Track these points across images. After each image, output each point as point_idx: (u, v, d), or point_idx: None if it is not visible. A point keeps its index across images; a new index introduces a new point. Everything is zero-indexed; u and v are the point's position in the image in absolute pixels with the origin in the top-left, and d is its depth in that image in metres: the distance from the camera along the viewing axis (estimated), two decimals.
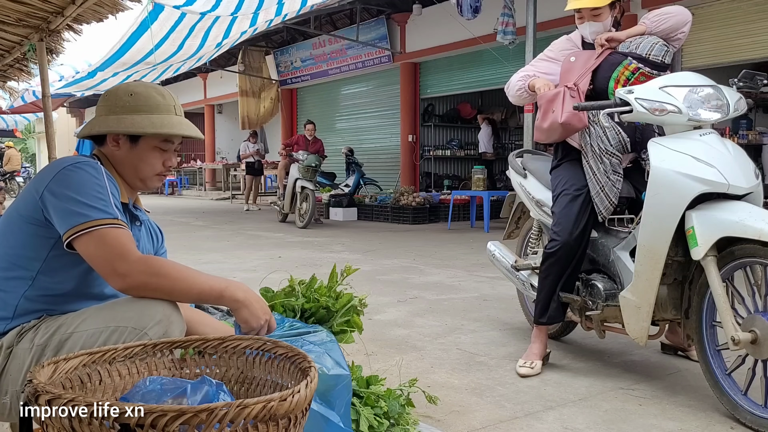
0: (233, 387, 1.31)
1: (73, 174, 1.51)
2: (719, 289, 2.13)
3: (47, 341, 1.48)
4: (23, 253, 1.52)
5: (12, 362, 1.49)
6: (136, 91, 1.67)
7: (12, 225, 1.55)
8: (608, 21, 2.78)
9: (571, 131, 2.70)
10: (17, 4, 3.72)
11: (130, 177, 1.70)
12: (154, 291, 1.44)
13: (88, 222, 1.44)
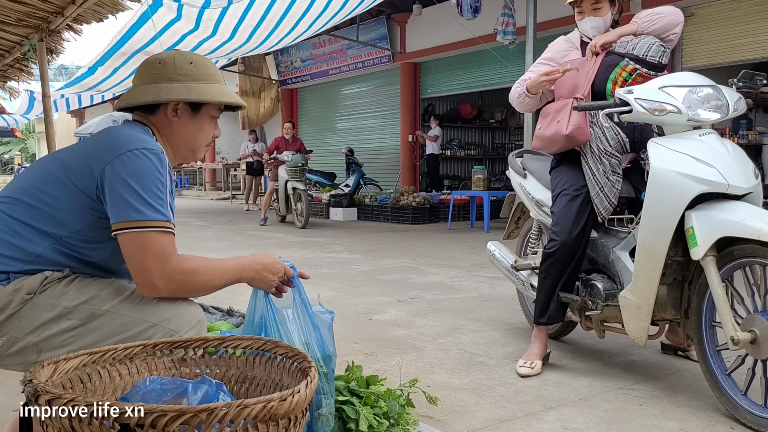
0: (233, 387, 1.31)
1: (138, 161, 1.47)
2: (719, 289, 2.13)
3: (76, 308, 1.45)
4: (63, 216, 1.49)
5: (28, 310, 1.44)
6: (195, 60, 1.65)
7: (57, 184, 1.50)
8: (608, 17, 2.78)
9: (574, 144, 2.70)
10: (17, 4, 3.72)
11: (182, 148, 1.68)
12: (185, 294, 1.53)
13: (140, 221, 1.43)
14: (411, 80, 12.92)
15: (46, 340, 1.45)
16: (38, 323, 1.44)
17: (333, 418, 1.70)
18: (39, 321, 1.44)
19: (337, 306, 4.07)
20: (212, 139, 1.72)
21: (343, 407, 1.85)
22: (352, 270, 5.55)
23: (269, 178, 10.46)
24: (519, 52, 8.52)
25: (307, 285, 1.72)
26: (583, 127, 2.65)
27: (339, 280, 5.04)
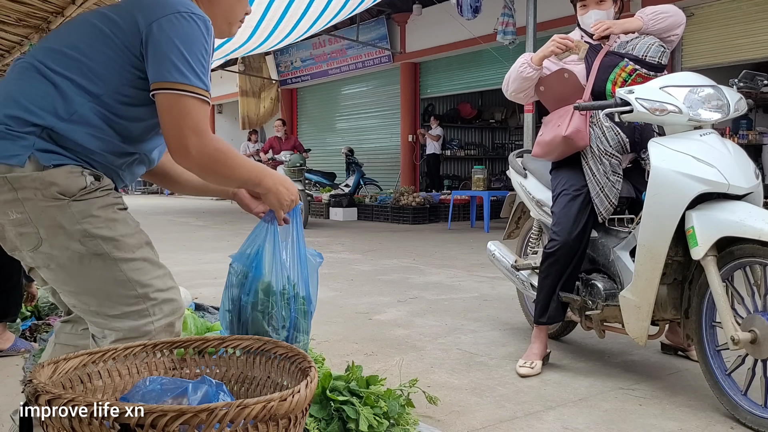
0: (233, 387, 1.31)
1: (186, 24, 1.43)
2: (719, 289, 2.13)
3: (94, 239, 1.42)
4: (103, 71, 1.44)
5: (53, 209, 1.40)
6: None
7: (100, 38, 1.45)
8: (611, 12, 2.78)
9: (573, 148, 2.70)
10: (17, 4, 3.72)
11: (220, 19, 1.65)
12: (210, 173, 1.48)
13: (183, 84, 1.39)
14: (411, 80, 12.92)
15: (49, 244, 1.42)
16: (55, 226, 1.41)
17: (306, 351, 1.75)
18: (56, 225, 1.41)
19: (337, 306, 4.07)
20: (244, 15, 1.71)
21: (343, 407, 1.85)
22: (352, 270, 5.55)
23: None
24: (519, 52, 8.49)
25: None
26: (583, 131, 2.65)
27: (339, 280, 5.04)
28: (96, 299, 1.45)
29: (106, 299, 1.45)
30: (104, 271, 1.44)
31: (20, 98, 1.42)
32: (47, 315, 3.38)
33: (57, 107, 1.42)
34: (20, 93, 1.43)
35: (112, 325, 1.45)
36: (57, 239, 1.42)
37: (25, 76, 1.45)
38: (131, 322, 1.45)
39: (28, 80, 1.44)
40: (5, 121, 1.40)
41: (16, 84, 1.45)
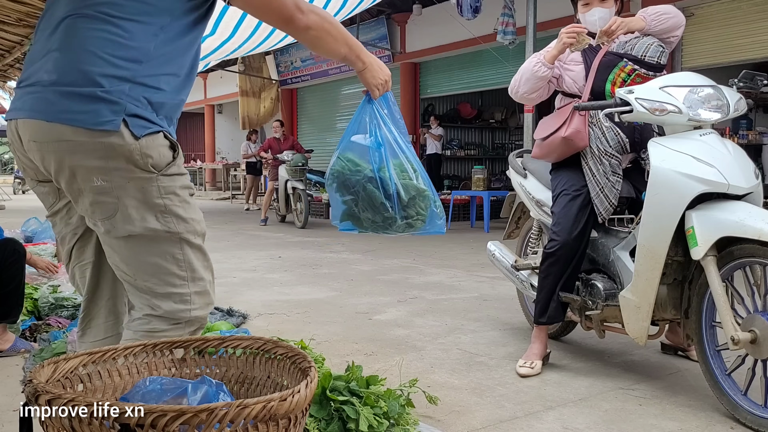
0: (233, 387, 1.31)
1: None
2: (719, 289, 2.13)
3: (170, 216, 1.44)
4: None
5: (141, 181, 1.41)
6: None
7: None
8: (613, 10, 2.77)
9: (572, 149, 2.70)
10: (17, 4, 3.72)
11: None
12: (324, 32, 1.53)
13: None
14: (411, 80, 12.92)
15: (123, 215, 1.42)
16: (137, 198, 1.42)
17: (443, 211, 1.90)
18: (139, 197, 1.42)
19: (337, 306, 4.07)
20: None
21: (343, 407, 1.85)
22: (352, 270, 5.55)
23: (268, 178, 10.47)
24: (519, 52, 8.52)
25: (306, 285, 1.73)
26: (582, 131, 2.65)
27: (339, 280, 5.04)
28: (149, 275, 1.46)
29: (158, 276, 1.46)
30: (168, 248, 1.46)
31: (98, 51, 1.38)
32: (47, 315, 3.38)
33: (133, 52, 1.41)
34: (95, 45, 1.38)
35: (153, 302, 1.47)
36: (135, 211, 1.42)
37: (87, 27, 1.40)
38: (172, 304, 1.48)
39: (93, 31, 1.40)
40: (97, 81, 1.36)
41: (84, 38, 1.39)
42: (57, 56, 1.39)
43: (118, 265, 1.50)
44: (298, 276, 5.23)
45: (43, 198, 1.59)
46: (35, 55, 1.46)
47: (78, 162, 1.38)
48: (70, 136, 1.36)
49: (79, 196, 1.44)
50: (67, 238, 1.60)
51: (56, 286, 3.60)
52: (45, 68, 1.40)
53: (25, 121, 1.41)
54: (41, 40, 1.46)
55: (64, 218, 1.58)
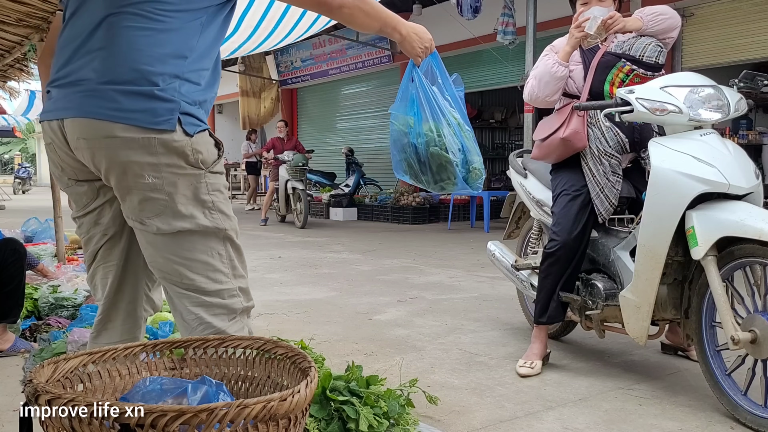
0: (233, 387, 1.31)
1: None
2: (719, 288, 2.13)
3: (216, 211, 1.47)
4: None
5: (190, 177, 1.43)
6: None
7: None
8: (612, 10, 2.76)
9: (571, 150, 2.70)
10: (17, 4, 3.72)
11: None
12: (356, 9, 1.57)
13: None
14: None
15: (173, 212, 1.43)
16: (187, 195, 1.44)
17: (483, 170, 2.03)
18: (189, 194, 1.44)
19: (337, 306, 4.07)
20: None
21: (343, 407, 1.85)
22: (352, 270, 5.55)
23: (269, 178, 10.47)
24: (519, 52, 8.52)
25: (306, 285, 1.73)
26: (581, 132, 2.65)
27: (339, 280, 5.04)
28: (195, 272, 1.46)
29: (205, 273, 1.47)
30: (214, 245, 1.48)
31: (148, 48, 1.40)
32: (47, 315, 3.38)
33: (180, 48, 1.43)
34: (145, 43, 1.40)
35: (204, 300, 1.47)
36: (185, 207, 1.44)
37: (133, 25, 1.41)
38: (221, 300, 1.48)
39: (140, 29, 1.41)
40: (152, 80, 1.38)
41: (132, 36, 1.40)
42: (105, 55, 1.40)
43: (162, 266, 1.48)
44: (298, 276, 5.23)
45: (76, 198, 1.59)
46: (71, 54, 1.45)
47: (131, 159, 1.39)
48: (124, 133, 1.38)
49: (128, 193, 1.44)
50: (95, 239, 1.60)
51: (56, 286, 3.60)
52: (91, 67, 1.40)
53: (74, 120, 1.41)
54: (77, 38, 1.45)
55: (93, 218, 1.58)
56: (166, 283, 1.51)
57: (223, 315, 1.48)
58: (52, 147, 1.51)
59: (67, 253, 4.97)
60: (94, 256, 1.62)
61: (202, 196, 1.46)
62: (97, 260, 1.62)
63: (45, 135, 1.52)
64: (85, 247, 1.63)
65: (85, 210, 1.59)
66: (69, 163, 1.51)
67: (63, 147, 1.48)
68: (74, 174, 1.53)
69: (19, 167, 24.05)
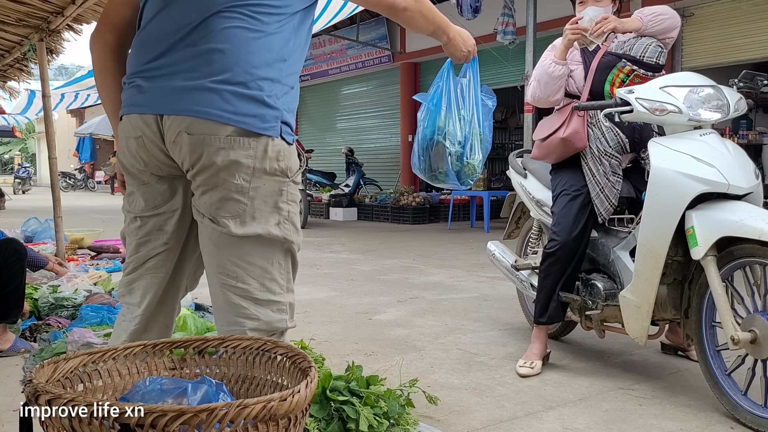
0: (233, 387, 1.31)
1: None
2: (719, 288, 2.13)
3: (289, 222, 1.48)
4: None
5: (276, 183, 1.44)
6: None
7: None
8: (609, 9, 2.76)
9: (571, 150, 2.70)
10: (17, 4, 3.72)
11: None
12: (417, 13, 1.65)
13: None
14: (411, 80, 12.92)
15: (251, 216, 1.43)
16: (269, 202, 1.44)
17: (480, 169, 2.15)
18: (271, 201, 1.44)
19: (337, 306, 4.07)
20: None
21: (343, 407, 1.85)
22: (352, 270, 5.55)
23: None
24: (519, 52, 8.52)
25: (306, 285, 1.73)
26: (581, 132, 2.65)
27: (339, 280, 5.04)
28: (253, 278, 1.45)
29: (262, 280, 1.46)
30: (277, 255, 1.47)
31: (258, 51, 1.40)
32: (47, 315, 3.38)
33: (282, 52, 1.45)
34: (254, 46, 1.41)
35: (252, 310, 1.45)
36: (262, 213, 1.44)
37: (241, 26, 1.41)
38: (270, 313, 1.47)
39: (248, 31, 1.41)
40: (261, 85, 1.40)
41: (243, 38, 1.41)
42: (218, 55, 1.39)
43: (220, 265, 1.46)
44: (298, 276, 5.16)
45: (150, 196, 1.54)
46: (168, 47, 1.43)
47: (230, 159, 1.39)
48: (233, 135, 1.39)
49: (212, 189, 1.43)
50: (152, 245, 1.55)
51: (56, 286, 3.60)
52: (197, 63, 1.39)
53: (180, 116, 1.40)
54: (174, 33, 1.43)
55: (159, 223, 1.55)
56: (219, 285, 1.48)
57: (263, 330, 1.46)
58: (141, 141, 1.47)
59: (67, 253, 4.98)
60: (143, 262, 1.57)
61: (280, 204, 1.46)
62: (147, 267, 1.58)
63: (131, 128, 1.47)
64: (134, 248, 1.57)
65: (155, 211, 1.54)
66: (157, 157, 1.48)
67: (156, 141, 1.45)
68: (158, 169, 1.50)
69: (19, 167, 24.06)
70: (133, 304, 1.60)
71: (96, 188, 25.11)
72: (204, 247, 1.50)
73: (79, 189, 24.84)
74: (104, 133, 20.94)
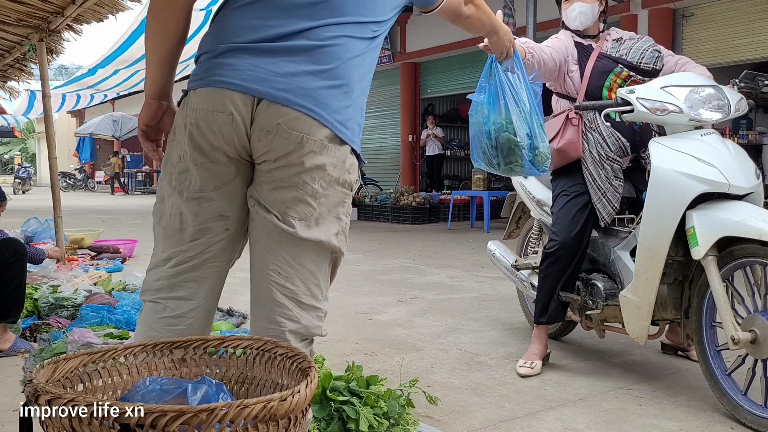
0: (233, 387, 1.31)
1: None
2: (719, 288, 2.13)
3: (343, 235, 1.49)
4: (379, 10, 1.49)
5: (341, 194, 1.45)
6: None
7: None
8: (596, 7, 2.73)
9: (566, 160, 2.70)
10: (17, 4, 3.72)
11: None
12: (476, 19, 1.80)
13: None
14: (411, 80, 12.92)
15: (315, 220, 1.43)
16: (333, 212, 1.45)
17: (549, 154, 2.30)
18: (335, 211, 1.45)
19: (337, 306, 4.07)
20: None
21: (343, 407, 1.85)
22: (352, 270, 5.55)
23: None
24: None
25: None
26: (575, 142, 2.65)
27: (339, 280, 5.02)
28: (301, 280, 1.44)
29: (309, 284, 1.45)
30: (326, 263, 1.48)
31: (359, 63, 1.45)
32: (47, 315, 3.38)
33: (369, 66, 1.51)
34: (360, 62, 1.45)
35: (294, 312, 1.44)
36: (326, 221, 1.44)
37: (356, 35, 1.44)
38: (311, 318, 1.46)
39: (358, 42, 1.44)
40: (357, 96, 1.45)
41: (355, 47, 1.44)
42: (335, 57, 1.39)
43: (277, 263, 1.43)
44: None
45: (212, 175, 1.44)
46: (269, 29, 1.39)
47: (317, 163, 1.39)
48: (327, 141, 1.39)
49: (286, 188, 1.40)
50: (213, 232, 1.47)
51: (56, 286, 3.60)
52: (318, 58, 1.38)
53: (286, 108, 1.36)
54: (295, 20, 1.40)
55: (219, 207, 1.46)
56: (267, 280, 1.44)
57: (299, 334, 1.45)
58: (231, 118, 1.38)
59: (67, 253, 4.98)
60: (202, 250, 1.46)
61: (341, 216, 1.47)
62: (207, 257, 1.47)
63: (221, 103, 1.38)
64: (192, 235, 1.45)
65: (214, 192, 1.44)
66: (240, 139, 1.40)
67: (246, 122, 1.39)
68: (233, 151, 1.42)
69: (19, 167, 24.06)
70: (181, 299, 1.47)
71: (96, 188, 25.12)
72: (259, 241, 1.46)
73: (79, 189, 24.85)
74: (104, 133, 20.94)
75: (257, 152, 1.42)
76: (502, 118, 2.18)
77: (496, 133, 2.21)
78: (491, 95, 2.21)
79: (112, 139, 22.83)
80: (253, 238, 1.48)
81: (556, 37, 2.83)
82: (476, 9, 1.76)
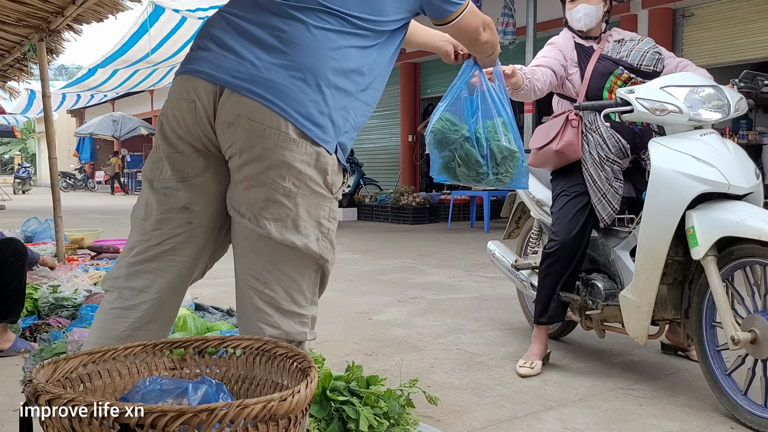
0: (233, 387, 1.31)
1: None
2: (719, 288, 2.13)
3: (327, 240, 1.46)
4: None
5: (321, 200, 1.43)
6: None
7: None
8: (600, 8, 2.73)
9: (565, 161, 2.70)
10: (17, 4, 3.72)
11: None
12: (489, 45, 1.76)
13: (463, 4, 1.67)
14: (411, 80, 12.91)
15: (293, 223, 1.39)
16: (310, 215, 1.41)
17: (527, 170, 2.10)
18: (313, 213, 1.42)
19: (337, 306, 4.07)
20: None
21: (343, 407, 1.85)
22: (352, 270, 5.55)
23: None
24: (519, 52, 8.51)
25: None
26: (574, 144, 2.65)
27: (339, 280, 5.04)
28: (281, 286, 1.42)
29: (289, 290, 1.43)
30: (309, 269, 1.44)
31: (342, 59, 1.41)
32: (47, 315, 3.38)
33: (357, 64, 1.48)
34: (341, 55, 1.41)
35: (275, 319, 1.42)
36: (304, 223, 1.40)
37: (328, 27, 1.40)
38: (292, 324, 1.44)
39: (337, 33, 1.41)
40: (332, 93, 1.40)
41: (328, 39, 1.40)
42: (300, 53, 1.37)
43: (252, 267, 1.42)
44: None
45: (180, 166, 1.43)
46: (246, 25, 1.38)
47: (285, 159, 1.35)
48: (293, 135, 1.35)
49: (258, 187, 1.37)
50: (173, 223, 1.45)
51: (56, 286, 3.60)
52: (279, 55, 1.35)
53: (246, 98, 1.33)
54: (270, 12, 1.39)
55: (185, 198, 1.44)
56: (246, 286, 1.44)
57: (282, 339, 1.42)
58: (193, 107, 1.37)
59: (67, 253, 4.98)
60: (160, 241, 1.45)
61: (322, 220, 1.43)
62: (165, 249, 1.45)
63: (186, 90, 1.37)
64: (153, 224, 1.44)
65: (182, 182, 1.42)
66: (204, 129, 1.39)
67: (208, 111, 1.37)
68: (199, 142, 1.41)
69: (19, 167, 24.08)
70: (134, 289, 1.45)
71: (96, 188, 25.13)
72: (237, 246, 1.45)
73: (79, 189, 24.85)
74: (104, 133, 20.93)
75: (224, 146, 1.39)
76: (493, 125, 2.03)
77: (488, 144, 2.01)
78: (477, 100, 2.05)
79: (112, 139, 22.83)
80: (234, 244, 1.47)
81: (551, 43, 2.82)
82: (491, 34, 1.73)
